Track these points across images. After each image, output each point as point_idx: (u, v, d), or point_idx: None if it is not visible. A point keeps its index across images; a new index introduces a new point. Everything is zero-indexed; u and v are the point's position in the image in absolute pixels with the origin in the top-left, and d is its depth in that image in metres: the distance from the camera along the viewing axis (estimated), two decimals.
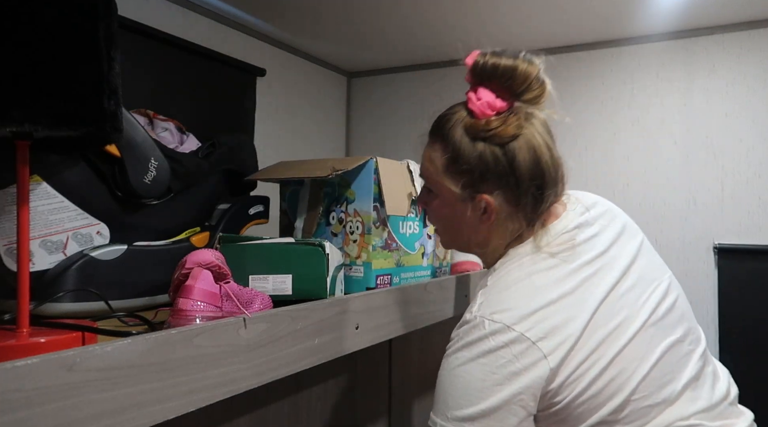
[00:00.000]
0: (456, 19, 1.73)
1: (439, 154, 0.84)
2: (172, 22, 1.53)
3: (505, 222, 0.82)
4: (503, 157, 0.78)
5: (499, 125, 0.78)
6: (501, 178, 0.79)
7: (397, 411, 1.27)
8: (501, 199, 0.80)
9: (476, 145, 0.80)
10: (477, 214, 0.82)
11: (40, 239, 0.80)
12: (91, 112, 0.62)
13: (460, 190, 0.82)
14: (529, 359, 0.70)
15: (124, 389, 0.55)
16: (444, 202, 0.85)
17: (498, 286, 0.77)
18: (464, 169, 0.80)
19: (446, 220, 0.87)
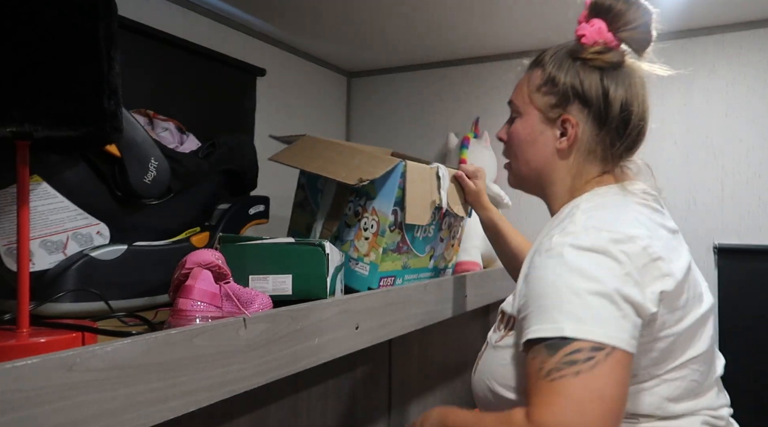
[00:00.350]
0: (456, 19, 1.73)
1: (536, 75, 0.86)
2: (172, 22, 1.53)
3: (582, 157, 0.82)
4: (598, 82, 0.80)
5: (603, 51, 0.81)
6: (590, 104, 0.80)
7: (397, 411, 1.27)
8: (583, 127, 0.81)
9: (575, 65, 0.82)
10: (556, 136, 0.82)
11: (40, 239, 0.80)
12: (91, 112, 0.62)
13: (547, 110, 0.83)
14: (652, 273, 0.68)
15: (124, 389, 0.55)
16: (526, 123, 0.86)
17: (603, 206, 0.75)
18: (557, 89, 0.82)
19: (523, 143, 0.86)
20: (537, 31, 1.84)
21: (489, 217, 1.20)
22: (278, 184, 1.84)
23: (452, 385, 1.58)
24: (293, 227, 1.20)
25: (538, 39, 1.92)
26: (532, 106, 0.85)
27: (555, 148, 0.83)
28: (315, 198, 1.16)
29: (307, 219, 1.16)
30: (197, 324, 0.69)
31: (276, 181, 1.83)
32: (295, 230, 1.19)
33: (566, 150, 0.83)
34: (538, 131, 0.84)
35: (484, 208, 1.21)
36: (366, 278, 1.06)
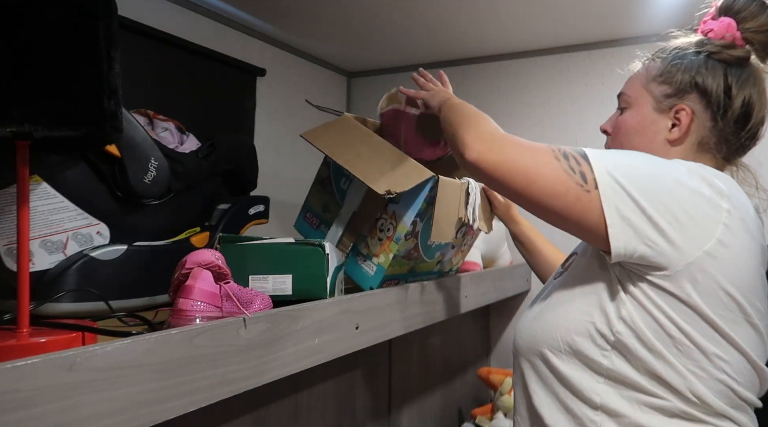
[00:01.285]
0: (456, 19, 1.73)
1: (655, 66, 0.85)
2: (172, 22, 1.53)
3: (693, 149, 0.81)
4: (722, 76, 0.79)
5: (730, 46, 0.80)
6: (709, 96, 0.79)
7: (397, 411, 1.27)
8: (700, 118, 0.80)
9: (698, 57, 0.81)
10: (667, 126, 0.82)
11: (40, 239, 0.80)
12: (91, 112, 0.62)
13: (662, 99, 0.82)
14: (746, 226, 0.69)
15: (124, 389, 0.55)
16: (636, 112, 0.85)
17: (711, 172, 0.75)
18: (675, 79, 0.81)
19: (631, 132, 0.85)
20: (537, 31, 1.84)
21: (521, 231, 1.17)
22: (278, 184, 1.84)
23: (452, 385, 1.58)
24: (311, 202, 1.15)
25: (538, 39, 1.92)
26: (647, 94, 0.84)
27: (665, 138, 0.82)
28: (338, 181, 1.12)
29: (324, 199, 1.13)
30: (197, 324, 0.69)
31: (276, 181, 1.83)
32: (312, 207, 1.15)
33: (677, 140, 0.81)
34: (649, 120, 0.83)
35: (515, 222, 1.18)
36: (370, 277, 1.05)
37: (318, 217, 1.13)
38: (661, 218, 0.66)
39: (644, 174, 0.69)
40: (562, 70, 1.98)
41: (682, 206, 0.67)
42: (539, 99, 2.01)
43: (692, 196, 0.68)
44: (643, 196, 0.67)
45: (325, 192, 1.14)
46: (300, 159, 1.98)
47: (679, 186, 0.68)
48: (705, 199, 0.68)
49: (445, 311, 1.26)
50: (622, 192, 0.67)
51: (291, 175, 1.93)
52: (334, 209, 1.11)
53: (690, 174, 0.70)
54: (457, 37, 1.91)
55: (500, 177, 0.72)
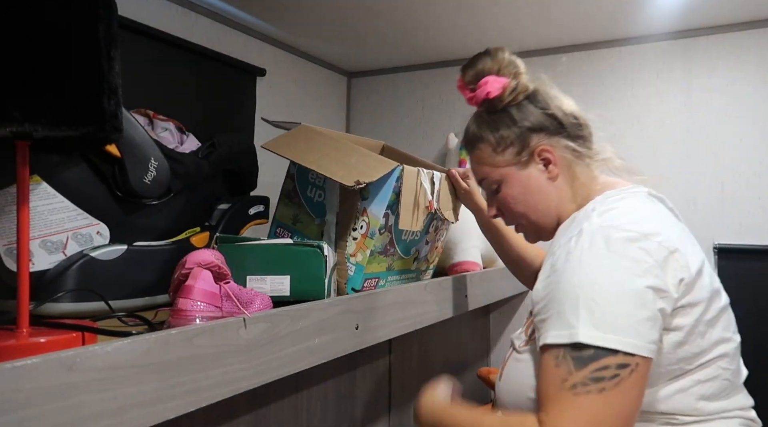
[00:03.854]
0: (455, 19, 1.73)
1: (484, 149, 0.90)
2: (172, 22, 1.53)
3: (574, 169, 0.86)
4: (535, 108, 0.86)
5: (516, 87, 0.87)
6: (542, 125, 0.85)
7: (397, 411, 1.27)
8: (556, 145, 0.85)
9: (504, 114, 0.87)
10: (541, 169, 0.86)
11: (40, 239, 0.80)
12: (91, 112, 0.62)
13: (517, 158, 0.87)
14: (672, 267, 0.69)
15: (124, 389, 0.55)
16: (510, 182, 0.88)
17: (615, 207, 0.77)
18: (509, 140, 0.86)
19: (521, 197, 0.88)
20: (537, 31, 1.84)
21: (484, 217, 1.19)
22: (278, 184, 1.84)
23: None
24: (279, 217, 1.16)
25: (538, 39, 1.92)
26: (503, 165, 0.88)
27: (547, 179, 0.86)
28: (305, 190, 1.13)
29: (293, 211, 1.14)
30: (197, 324, 0.69)
31: (276, 182, 1.83)
32: (281, 222, 1.16)
33: (558, 174, 0.86)
34: (525, 178, 0.87)
35: (479, 209, 1.20)
36: (350, 278, 1.05)
37: (289, 230, 1.14)
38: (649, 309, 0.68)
39: (622, 303, 0.67)
40: (562, 70, 1.97)
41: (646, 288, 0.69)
42: None
43: (647, 266, 0.69)
44: (643, 314, 0.67)
45: (292, 204, 1.14)
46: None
47: (639, 281, 0.69)
48: (653, 251, 0.70)
49: (445, 311, 1.26)
50: (638, 329, 0.66)
51: None
52: (305, 219, 1.12)
53: (624, 255, 0.69)
54: (457, 37, 1.91)
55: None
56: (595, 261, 0.69)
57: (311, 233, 1.10)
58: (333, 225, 1.08)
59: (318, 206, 1.10)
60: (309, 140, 1.10)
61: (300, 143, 1.10)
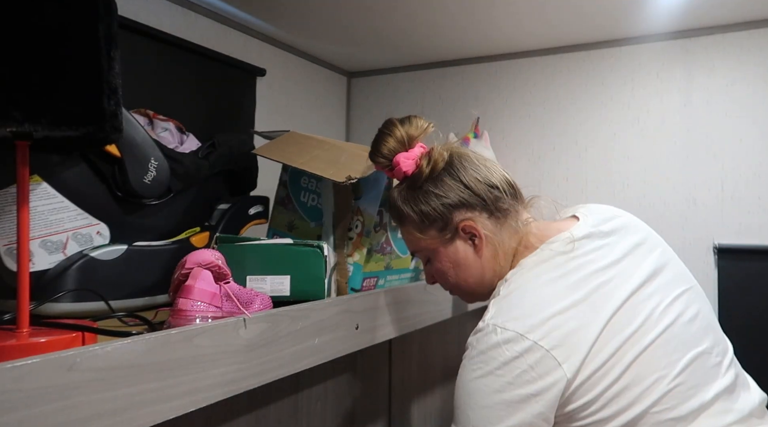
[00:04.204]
0: (455, 19, 1.73)
1: (408, 226, 0.89)
2: (172, 22, 1.53)
3: (499, 239, 0.85)
4: (452, 181, 0.85)
5: (430, 161, 0.86)
6: (463, 200, 0.84)
7: (397, 411, 1.27)
8: (478, 218, 0.84)
9: (424, 191, 0.86)
10: (469, 245, 0.86)
11: (40, 239, 0.80)
12: (91, 112, 0.62)
13: (441, 235, 0.86)
14: (545, 368, 0.70)
15: (124, 389, 0.55)
16: (440, 257, 0.88)
17: (510, 295, 0.77)
18: (432, 217, 0.86)
19: (451, 271, 0.89)
20: (537, 31, 1.84)
21: None
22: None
23: (452, 385, 1.58)
24: (273, 225, 1.17)
25: (538, 39, 1.92)
26: (429, 241, 0.88)
27: (473, 252, 0.86)
28: (298, 196, 1.14)
29: (287, 218, 1.15)
30: (197, 324, 0.69)
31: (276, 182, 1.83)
32: (276, 229, 1.17)
33: (482, 246, 0.85)
34: (452, 253, 0.87)
35: None
36: (350, 278, 1.05)
37: (285, 237, 1.14)
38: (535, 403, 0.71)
39: (500, 411, 0.71)
40: (561, 70, 1.98)
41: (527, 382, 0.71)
42: (539, 99, 2.01)
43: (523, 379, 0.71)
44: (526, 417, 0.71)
45: (287, 211, 1.15)
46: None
47: (513, 383, 0.72)
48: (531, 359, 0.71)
49: (445, 311, 1.26)
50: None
51: None
52: (300, 224, 1.12)
53: (502, 378, 0.72)
54: (456, 37, 1.91)
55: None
56: (475, 367, 0.74)
57: (308, 237, 1.10)
58: (330, 227, 1.08)
59: (312, 210, 1.11)
60: (298, 144, 1.11)
61: (289, 147, 1.11)
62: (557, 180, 1.96)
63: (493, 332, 0.73)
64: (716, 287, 1.76)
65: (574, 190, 1.93)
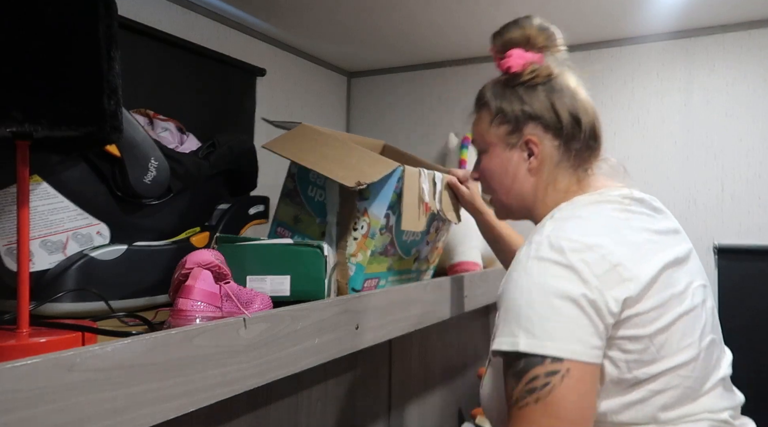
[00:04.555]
0: (455, 19, 1.73)
1: (484, 114, 0.90)
2: (172, 22, 1.53)
3: (555, 170, 0.86)
4: (543, 97, 0.86)
5: (536, 69, 0.86)
6: (542, 119, 0.85)
7: (397, 411, 1.27)
8: (545, 141, 0.85)
9: (516, 90, 0.87)
10: (524, 158, 0.87)
11: (40, 239, 0.80)
12: (91, 112, 0.62)
13: (506, 138, 0.88)
14: (610, 280, 0.69)
15: (124, 389, 0.55)
16: (492, 156, 0.90)
17: (570, 219, 0.77)
18: (507, 118, 0.87)
19: (497, 175, 0.90)
20: None
21: (485, 220, 1.20)
22: (278, 184, 1.84)
23: (452, 385, 1.58)
24: (280, 217, 1.16)
25: None
26: (494, 139, 0.89)
27: (526, 169, 0.87)
28: (305, 190, 1.13)
29: (293, 211, 1.13)
30: (197, 324, 0.69)
31: (276, 181, 1.83)
32: (282, 221, 1.15)
33: (537, 168, 0.86)
34: (506, 159, 0.88)
35: (479, 212, 1.20)
36: (351, 279, 1.05)
37: (289, 229, 1.14)
38: None
39: (549, 310, 0.68)
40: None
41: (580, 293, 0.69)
42: None
43: (580, 278, 0.69)
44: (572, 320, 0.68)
45: (293, 204, 1.14)
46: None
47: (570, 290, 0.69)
48: (592, 265, 0.70)
49: (445, 311, 1.26)
50: (566, 335, 0.67)
51: None
52: (306, 219, 1.11)
53: (559, 265, 0.70)
54: (457, 37, 1.91)
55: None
56: (536, 270, 0.71)
57: (312, 232, 1.09)
58: (334, 225, 1.08)
59: (319, 206, 1.10)
60: (309, 140, 1.10)
61: (300, 143, 1.09)
62: None
63: (557, 241, 0.71)
64: (716, 287, 1.76)
65: None
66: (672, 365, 0.71)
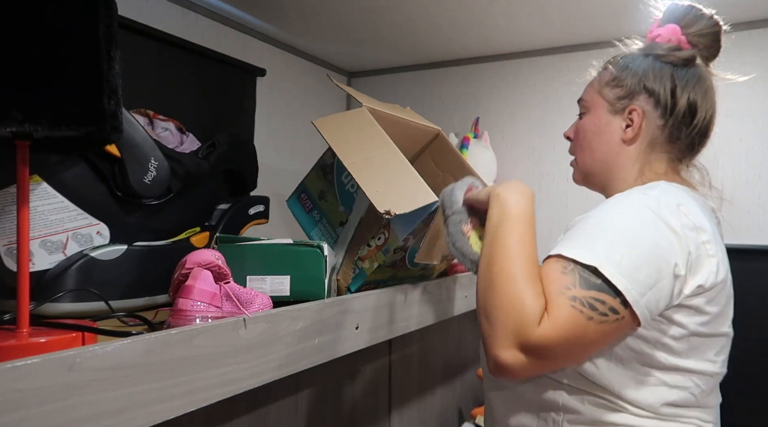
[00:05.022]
0: (455, 19, 1.73)
1: (607, 72, 0.89)
2: (172, 22, 1.53)
3: (648, 150, 0.85)
4: (669, 76, 0.84)
5: (676, 48, 0.84)
6: (657, 96, 0.84)
7: (397, 411, 1.27)
8: (651, 117, 0.84)
9: (647, 60, 0.85)
10: (621, 127, 0.85)
11: (40, 239, 0.80)
12: (91, 112, 0.62)
13: (614, 101, 0.86)
14: (702, 266, 0.71)
15: (124, 389, 0.55)
16: (593, 116, 0.88)
17: (677, 195, 0.76)
18: (625, 82, 0.85)
19: (589, 135, 0.88)
20: (537, 31, 1.84)
21: None
22: (278, 184, 1.84)
23: (452, 385, 1.58)
24: (307, 184, 1.12)
25: (538, 39, 1.92)
26: (601, 99, 0.88)
27: (620, 138, 0.86)
28: (340, 174, 1.08)
29: (322, 186, 1.10)
30: (197, 324, 0.69)
31: (276, 181, 1.83)
32: (308, 189, 1.11)
33: (630, 139, 0.85)
34: (604, 122, 0.87)
35: None
36: (350, 279, 1.04)
37: (312, 201, 1.11)
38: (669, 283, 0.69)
39: (640, 253, 0.69)
40: (562, 70, 1.98)
41: (680, 262, 0.70)
42: (539, 99, 2.01)
43: (682, 248, 0.70)
44: (655, 275, 0.68)
45: (325, 179, 1.10)
46: (300, 159, 1.98)
47: (670, 254, 0.70)
48: (694, 244, 0.71)
49: (445, 311, 1.26)
50: (643, 289, 0.67)
51: (291, 176, 1.93)
52: (331, 200, 1.09)
53: (669, 227, 0.71)
54: (456, 37, 1.91)
55: (549, 368, 0.73)
56: (647, 213, 0.71)
57: (332, 215, 1.07)
58: (354, 226, 1.04)
59: (347, 196, 1.06)
60: (362, 132, 1.02)
61: (352, 133, 1.01)
62: (557, 180, 1.96)
63: (673, 207, 0.72)
64: None
65: (574, 190, 1.93)
66: (690, 367, 0.73)
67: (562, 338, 0.65)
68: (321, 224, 1.10)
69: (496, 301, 0.68)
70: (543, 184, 1.98)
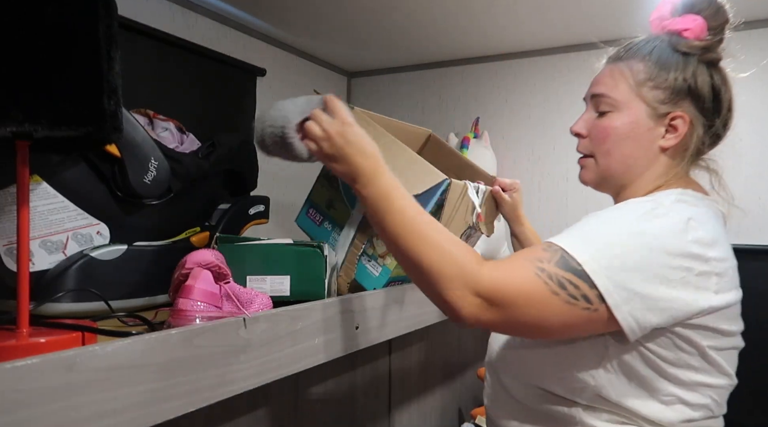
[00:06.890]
0: (456, 19, 1.73)
1: (639, 68, 0.79)
2: (172, 22, 1.53)
3: (682, 155, 0.78)
4: (709, 79, 0.77)
5: (710, 47, 0.78)
6: (702, 101, 0.77)
7: (397, 411, 1.27)
8: (698, 128, 0.77)
9: (688, 60, 0.77)
10: (661, 133, 0.78)
11: (40, 239, 0.80)
12: (91, 112, 0.62)
13: (657, 105, 0.77)
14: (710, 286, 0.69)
15: (124, 389, 0.55)
16: (628, 118, 0.79)
17: (696, 205, 0.73)
18: (667, 84, 0.77)
19: (622, 138, 0.79)
20: (537, 31, 1.84)
21: (522, 231, 1.17)
22: (278, 184, 1.84)
23: (452, 385, 1.58)
24: (314, 198, 1.12)
25: (538, 39, 1.92)
26: (638, 99, 0.79)
27: (659, 145, 0.79)
28: None
29: (329, 194, 1.10)
30: (197, 324, 0.69)
31: (276, 181, 1.83)
32: (315, 203, 1.12)
33: (673, 148, 0.78)
34: (643, 127, 0.78)
35: (520, 224, 1.17)
36: (374, 278, 1.03)
37: (321, 213, 1.11)
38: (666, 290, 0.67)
39: (636, 260, 0.66)
40: (562, 70, 1.98)
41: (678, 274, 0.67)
42: (539, 99, 2.01)
43: (683, 260, 0.68)
44: (647, 285, 0.65)
45: (330, 187, 1.11)
46: None
47: (669, 257, 0.67)
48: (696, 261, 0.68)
49: None
50: (629, 295, 0.65)
51: (291, 175, 1.93)
52: (339, 207, 1.09)
53: (674, 234, 0.68)
54: (456, 37, 1.91)
55: (503, 330, 0.73)
56: (644, 217, 0.68)
57: (343, 221, 1.07)
58: (358, 221, 1.04)
59: (354, 197, 1.06)
60: (383, 136, 1.04)
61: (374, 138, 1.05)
62: (557, 180, 1.96)
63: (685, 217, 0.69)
64: None
65: (574, 190, 1.93)
66: (708, 382, 0.73)
67: (514, 291, 0.63)
68: (335, 232, 1.10)
69: (430, 258, 0.66)
70: (543, 185, 1.98)
